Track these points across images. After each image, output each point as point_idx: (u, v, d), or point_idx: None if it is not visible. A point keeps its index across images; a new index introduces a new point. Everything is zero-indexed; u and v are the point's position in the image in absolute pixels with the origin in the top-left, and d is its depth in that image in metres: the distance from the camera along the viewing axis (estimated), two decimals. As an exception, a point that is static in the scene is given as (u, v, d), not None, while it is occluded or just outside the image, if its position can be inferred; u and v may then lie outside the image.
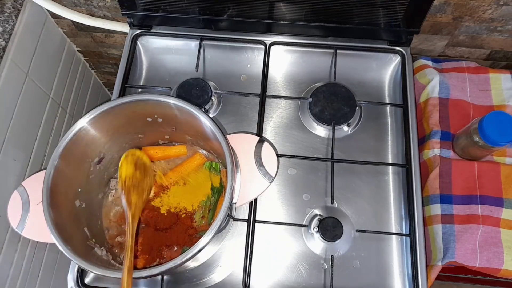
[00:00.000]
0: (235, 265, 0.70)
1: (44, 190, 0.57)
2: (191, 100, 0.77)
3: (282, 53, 0.86)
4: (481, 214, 0.74)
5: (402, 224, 0.72)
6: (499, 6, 0.79)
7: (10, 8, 0.83)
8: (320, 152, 0.78)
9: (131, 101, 0.62)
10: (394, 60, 0.84)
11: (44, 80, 0.96)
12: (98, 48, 1.10)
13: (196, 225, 0.68)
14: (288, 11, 0.79)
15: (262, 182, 0.63)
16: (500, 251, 0.72)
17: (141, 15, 0.83)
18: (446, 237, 0.74)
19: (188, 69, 0.84)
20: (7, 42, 0.82)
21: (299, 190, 0.75)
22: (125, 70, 0.82)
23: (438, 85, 0.83)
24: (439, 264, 0.73)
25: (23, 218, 0.62)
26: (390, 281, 0.69)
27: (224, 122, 0.80)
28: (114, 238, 0.69)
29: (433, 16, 0.83)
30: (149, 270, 0.53)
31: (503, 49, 0.92)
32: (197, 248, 0.53)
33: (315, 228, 0.70)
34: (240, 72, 0.85)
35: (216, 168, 0.70)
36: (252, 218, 0.71)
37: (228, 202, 0.56)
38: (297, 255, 0.71)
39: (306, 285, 0.69)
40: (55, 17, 0.97)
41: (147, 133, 0.71)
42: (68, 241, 0.55)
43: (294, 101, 0.82)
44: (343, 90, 0.79)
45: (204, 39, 0.85)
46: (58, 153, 0.59)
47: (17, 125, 0.86)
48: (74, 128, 0.60)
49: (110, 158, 0.70)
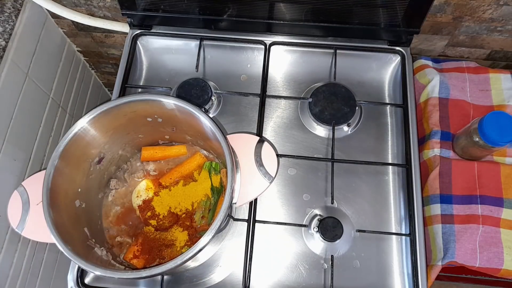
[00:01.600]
0: (235, 265, 0.70)
1: (44, 190, 0.57)
2: (191, 100, 0.77)
3: (282, 53, 0.86)
4: (481, 214, 0.74)
5: (402, 224, 0.72)
6: (499, 6, 0.79)
7: (10, 8, 0.83)
8: (320, 152, 0.78)
9: (131, 101, 0.62)
10: (394, 60, 0.84)
11: (44, 80, 0.96)
12: (98, 48, 1.10)
13: (196, 225, 0.68)
14: (288, 11, 0.79)
15: (262, 182, 0.63)
16: (500, 251, 0.72)
17: (141, 15, 0.83)
18: (446, 237, 0.73)
19: (188, 69, 0.84)
20: (7, 42, 0.82)
21: (299, 190, 0.75)
22: (125, 70, 0.82)
23: (438, 85, 0.83)
24: (439, 264, 0.73)
25: (23, 218, 0.62)
26: (390, 281, 0.69)
27: (224, 122, 0.80)
28: (114, 238, 0.69)
29: (433, 16, 0.83)
30: (149, 270, 0.53)
31: (503, 49, 0.92)
32: (197, 248, 0.53)
33: (315, 228, 0.70)
34: (240, 72, 0.85)
35: (216, 168, 0.70)
36: (252, 218, 0.71)
37: (228, 202, 0.56)
38: (297, 255, 0.71)
39: (306, 285, 0.69)
40: (55, 17, 0.97)
41: (147, 133, 0.71)
42: (68, 241, 0.55)
43: (294, 101, 0.82)
44: (343, 90, 0.79)
45: (204, 39, 0.85)
46: (58, 153, 0.59)
47: (17, 125, 0.86)
48: (74, 128, 0.60)
49: (110, 158, 0.70)
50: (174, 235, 0.67)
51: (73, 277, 0.68)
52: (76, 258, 0.54)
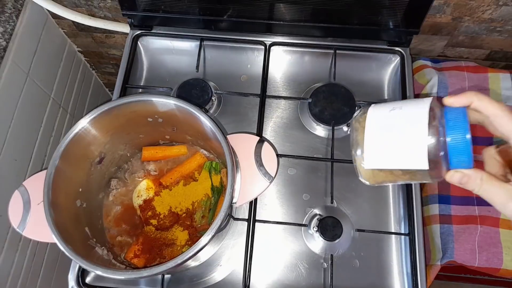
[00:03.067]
0: (235, 264, 0.70)
1: (45, 190, 0.57)
2: (191, 100, 0.77)
3: (282, 54, 0.86)
4: (480, 215, 0.74)
5: (402, 224, 0.73)
6: (499, 6, 0.79)
7: (11, 9, 0.83)
8: (320, 152, 0.78)
9: (131, 101, 0.62)
10: (394, 60, 0.84)
11: (44, 80, 0.96)
12: (98, 48, 1.10)
13: (196, 225, 0.68)
14: (288, 12, 0.79)
15: (262, 182, 0.63)
16: (499, 251, 0.72)
17: (141, 15, 0.83)
18: (444, 237, 0.74)
19: (189, 69, 0.84)
20: (7, 42, 0.82)
21: (299, 190, 0.75)
22: (125, 71, 0.83)
23: (436, 85, 0.83)
24: (438, 263, 0.73)
25: (24, 218, 0.62)
26: (389, 281, 0.69)
27: (224, 122, 0.80)
28: (114, 237, 0.69)
29: (433, 17, 0.83)
30: (149, 269, 0.53)
31: (502, 49, 0.92)
32: (197, 247, 0.53)
33: (314, 228, 0.70)
34: (240, 73, 0.85)
35: (216, 168, 0.71)
36: (252, 217, 0.72)
37: (228, 201, 0.56)
38: (297, 255, 0.71)
39: (306, 284, 0.69)
40: (55, 18, 0.97)
41: (148, 133, 0.72)
42: (69, 240, 0.55)
43: (294, 101, 0.82)
44: (343, 90, 0.79)
45: (204, 40, 0.85)
46: (59, 153, 0.59)
47: (18, 125, 0.87)
48: (75, 128, 0.61)
49: (110, 158, 0.71)
50: (175, 234, 0.67)
51: (74, 277, 0.68)
52: (77, 257, 0.54)
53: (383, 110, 0.41)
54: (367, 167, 0.40)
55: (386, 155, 0.39)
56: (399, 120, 0.39)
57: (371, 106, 0.43)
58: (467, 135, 0.37)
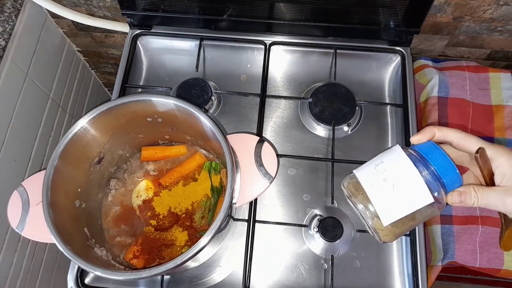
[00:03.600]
0: (235, 265, 0.70)
1: (44, 190, 0.57)
2: (191, 100, 0.77)
3: (282, 53, 0.86)
4: (481, 215, 0.74)
5: (402, 224, 0.72)
6: (499, 6, 0.79)
7: (10, 8, 0.83)
8: (320, 152, 0.78)
9: (131, 101, 0.62)
10: (394, 60, 0.84)
11: (44, 80, 0.96)
12: (98, 48, 1.10)
13: (196, 225, 0.68)
14: (288, 11, 0.79)
15: (262, 182, 0.63)
16: (500, 251, 0.72)
17: (141, 15, 0.83)
18: (445, 237, 0.73)
19: (188, 69, 0.84)
20: (7, 42, 0.82)
21: (299, 190, 0.75)
22: (125, 70, 0.82)
23: (437, 85, 0.83)
24: (439, 264, 0.73)
25: (23, 218, 0.62)
26: (390, 281, 0.69)
27: (224, 122, 0.80)
28: (114, 238, 0.69)
29: (433, 16, 0.83)
30: (149, 270, 0.53)
31: (503, 49, 0.92)
32: (197, 248, 0.53)
33: (315, 228, 0.70)
34: (240, 72, 0.85)
35: (216, 168, 0.70)
36: (252, 218, 0.71)
37: (228, 202, 0.56)
38: (297, 255, 0.71)
39: (306, 285, 0.69)
40: (55, 17, 0.97)
41: (147, 133, 0.71)
42: (68, 241, 0.55)
43: (294, 101, 0.82)
44: (343, 90, 0.79)
45: (204, 39, 0.85)
46: (58, 153, 0.59)
47: (17, 125, 0.86)
48: (74, 128, 0.60)
49: (110, 158, 0.70)
50: (174, 235, 0.67)
51: (73, 277, 0.68)
52: (76, 258, 0.54)
53: (368, 170, 0.45)
54: (386, 223, 0.43)
55: (397, 206, 0.43)
56: (389, 172, 0.43)
57: (355, 171, 0.46)
58: (444, 154, 0.42)
